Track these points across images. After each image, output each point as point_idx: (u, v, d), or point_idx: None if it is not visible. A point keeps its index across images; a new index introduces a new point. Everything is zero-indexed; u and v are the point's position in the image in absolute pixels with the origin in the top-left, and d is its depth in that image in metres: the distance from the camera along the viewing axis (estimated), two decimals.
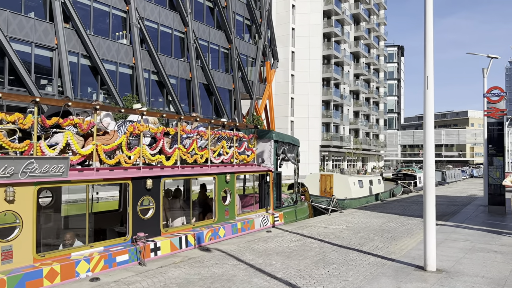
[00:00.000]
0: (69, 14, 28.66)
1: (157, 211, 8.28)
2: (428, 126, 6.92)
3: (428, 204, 6.93)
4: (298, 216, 12.94)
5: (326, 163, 63.54)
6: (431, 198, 6.92)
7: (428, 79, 6.97)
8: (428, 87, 6.96)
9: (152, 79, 35.09)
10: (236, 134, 11.03)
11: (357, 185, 19.40)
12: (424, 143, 6.93)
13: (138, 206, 7.89)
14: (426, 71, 7.03)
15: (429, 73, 6.98)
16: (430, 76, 6.98)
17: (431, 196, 6.91)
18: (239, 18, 45.05)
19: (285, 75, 57.60)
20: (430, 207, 6.92)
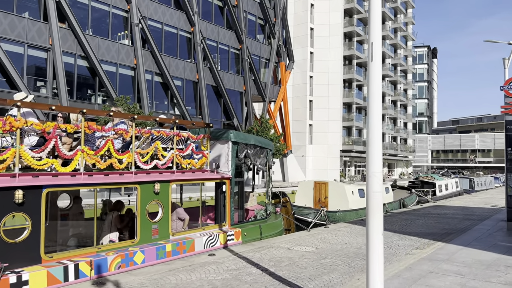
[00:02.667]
0: (65, 14, 27.64)
1: (35, 232, 6.38)
2: (373, 114, 4.70)
3: (371, 234, 4.69)
4: (265, 233, 10.77)
5: (348, 169, 60.53)
6: (375, 225, 4.67)
7: (373, 47, 4.75)
8: (373, 59, 4.74)
9: (156, 81, 33.72)
10: (177, 134, 9.03)
11: (356, 195, 16.96)
12: (367, 140, 4.71)
13: (1, 226, 6.02)
14: (370, 36, 4.81)
15: (374, 38, 4.76)
16: (375, 43, 4.76)
17: (375, 221, 4.67)
18: (251, 18, 43.24)
19: (303, 77, 55.25)
20: (374, 239, 4.67)
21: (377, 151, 4.64)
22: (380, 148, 4.66)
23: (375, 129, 4.65)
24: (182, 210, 9.58)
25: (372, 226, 4.69)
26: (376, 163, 4.62)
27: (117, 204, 8.99)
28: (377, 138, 4.65)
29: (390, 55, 70.35)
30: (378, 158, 4.63)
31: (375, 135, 4.65)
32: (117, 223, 8.65)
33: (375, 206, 4.65)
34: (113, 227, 8.63)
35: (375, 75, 4.73)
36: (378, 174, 4.63)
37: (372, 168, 4.64)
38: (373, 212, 4.66)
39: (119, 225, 8.68)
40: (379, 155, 4.64)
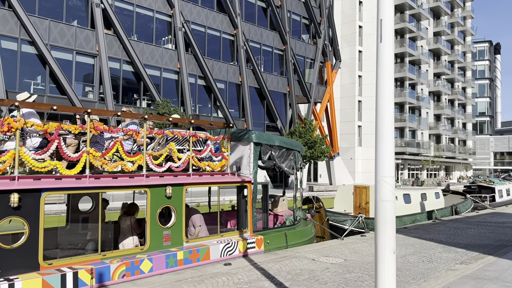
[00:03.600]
0: (111, 21, 28.45)
1: (33, 237, 6.11)
2: (382, 104, 3.90)
3: (380, 253, 3.86)
4: (291, 241, 9.99)
5: (401, 172, 57.76)
6: (386, 241, 3.84)
7: (382, 24, 3.94)
8: (382, 39, 3.94)
9: (199, 84, 33.89)
10: (193, 135, 8.55)
11: (400, 200, 15.65)
12: (376, 136, 3.90)
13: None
14: (379, 12, 3.99)
15: (384, 14, 3.95)
16: (385, 20, 3.95)
17: (385, 237, 3.84)
18: (295, 18, 42.45)
19: (351, 77, 53.46)
20: (383, 259, 3.84)
21: (387, 150, 3.81)
22: (391, 146, 3.83)
23: (385, 122, 3.83)
24: (197, 217, 9.07)
25: (381, 242, 3.86)
26: (386, 165, 3.79)
27: (132, 207, 8.65)
28: (387, 133, 3.82)
29: (446, 51, 66.52)
30: (389, 158, 3.80)
31: (385, 129, 3.82)
32: (136, 228, 8.30)
33: (385, 218, 3.81)
34: (133, 232, 8.30)
35: (385, 58, 3.91)
36: (388, 179, 3.80)
37: (381, 172, 3.81)
38: (383, 226, 3.83)
39: (138, 230, 8.33)
40: (390, 154, 3.81)
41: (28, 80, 25.54)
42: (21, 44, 24.99)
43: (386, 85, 3.86)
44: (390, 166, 3.78)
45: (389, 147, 3.80)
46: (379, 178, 3.81)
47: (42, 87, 25.95)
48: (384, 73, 3.88)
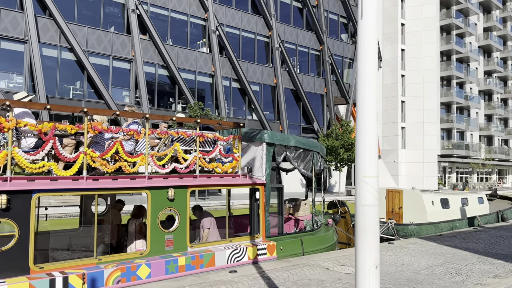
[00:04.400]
0: (146, 26, 28.97)
1: (23, 240, 5.96)
2: (363, 94, 3.32)
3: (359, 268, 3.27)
4: (308, 247, 9.37)
5: (448, 175, 54.83)
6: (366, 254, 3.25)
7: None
8: (363, 15, 3.37)
9: (233, 87, 33.78)
10: (200, 135, 8.19)
11: (437, 205, 14.50)
12: (356, 133, 3.31)
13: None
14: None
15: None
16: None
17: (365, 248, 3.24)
18: (332, 17, 41.46)
19: (394, 76, 51.45)
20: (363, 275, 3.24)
21: (369, 147, 3.21)
22: (374, 142, 3.23)
23: (366, 114, 3.24)
24: (207, 220, 8.69)
25: (361, 256, 3.27)
26: (367, 163, 3.20)
27: (140, 210, 8.41)
28: (369, 127, 3.23)
29: (497, 48, 62.55)
30: (371, 156, 3.20)
31: (367, 123, 3.23)
32: (139, 231, 8.06)
33: (365, 226, 3.22)
34: (137, 235, 8.07)
35: (366, 38, 3.32)
36: (370, 179, 3.20)
37: (361, 171, 3.22)
38: (362, 236, 3.24)
39: (140, 233, 8.07)
40: (372, 152, 3.21)
41: (67, 86, 26.46)
42: (61, 51, 25.94)
43: (368, 71, 3.28)
44: (372, 165, 3.19)
45: (371, 143, 3.21)
46: (359, 178, 3.22)
47: (80, 92, 26.79)
48: (366, 57, 3.29)
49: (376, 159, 3.22)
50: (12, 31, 24.26)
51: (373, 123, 3.18)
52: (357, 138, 3.22)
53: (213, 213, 9.29)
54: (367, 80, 3.22)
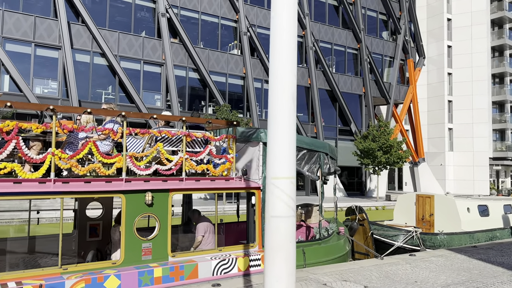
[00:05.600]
0: (176, 29, 29.00)
1: None
2: (275, 85, 2.49)
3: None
4: (312, 258, 8.41)
5: (502, 180, 50.91)
6: (274, 275, 2.39)
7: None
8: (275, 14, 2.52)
9: (265, 89, 33.06)
10: (186, 134, 7.54)
11: (474, 212, 12.93)
12: (268, 125, 2.47)
13: None
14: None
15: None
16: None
17: (274, 269, 2.39)
18: (371, 14, 39.76)
19: (440, 74, 48.58)
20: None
21: (281, 142, 2.38)
22: (289, 137, 2.39)
23: (277, 108, 2.43)
24: (202, 226, 8.01)
25: (269, 281, 2.41)
26: (278, 162, 2.37)
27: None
28: (281, 122, 2.41)
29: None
30: (283, 153, 2.37)
31: (279, 117, 2.42)
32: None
33: (273, 244, 2.38)
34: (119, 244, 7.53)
35: (278, 35, 2.50)
36: (282, 182, 2.35)
37: (271, 171, 2.39)
38: (271, 256, 2.41)
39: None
40: (285, 148, 2.38)
41: (99, 90, 26.93)
42: (93, 56, 26.46)
43: (281, 64, 2.46)
44: (285, 165, 2.35)
45: (284, 139, 2.38)
46: (269, 181, 2.39)
47: (112, 96, 27.18)
48: (278, 52, 2.47)
49: (292, 156, 2.38)
50: (47, 38, 25.02)
51: (287, 121, 2.35)
52: (268, 133, 2.41)
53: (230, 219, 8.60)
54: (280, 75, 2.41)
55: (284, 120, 2.36)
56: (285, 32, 2.42)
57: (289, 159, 2.36)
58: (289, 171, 2.36)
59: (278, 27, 2.43)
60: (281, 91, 2.40)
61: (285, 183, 2.31)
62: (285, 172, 2.32)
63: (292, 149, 2.41)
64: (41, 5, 25.42)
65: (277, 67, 2.42)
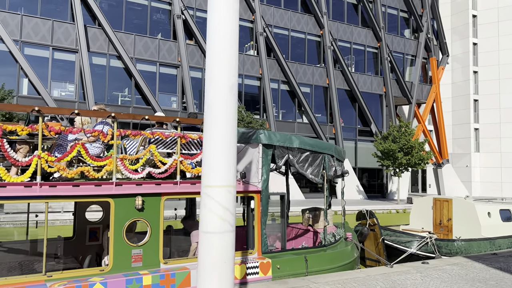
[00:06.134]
0: (192, 31, 28.94)
1: None
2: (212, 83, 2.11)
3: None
4: (315, 266, 7.96)
5: None
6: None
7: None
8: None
9: (282, 89, 32.67)
10: (181, 136, 7.25)
11: (495, 217, 12.15)
12: (204, 130, 2.13)
13: None
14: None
15: None
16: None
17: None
18: (391, 11, 38.79)
19: (465, 73, 46.96)
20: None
21: (217, 148, 2.04)
22: (226, 142, 2.02)
23: (214, 111, 2.11)
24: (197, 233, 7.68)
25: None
26: (213, 169, 2.02)
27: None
28: (217, 125, 2.07)
29: None
30: (220, 160, 2.02)
31: (214, 120, 2.10)
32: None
33: (205, 262, 2.04)
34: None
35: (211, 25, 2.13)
36: (217, 192, 1.99)
37: (206, 179, 2.03)
38: (204, 273, 2.05)
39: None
40: (222, 154, 2.02)
41: (116, 93, 27.09)
42: (109, 59, 26.65)
43: (218, 51, 2.10)
44: (221, 170, 2.00)
45: (220, 139, 2.04)
46: (203, 189, 2.03)
47: (128, 98, 27.31)
48: (213, 52, 2.10)
49: (231, 160, 2.00)
50: (64, 42, 25.33)
51: (223, 112, 1.98)
52: (204, 131, 2.04)
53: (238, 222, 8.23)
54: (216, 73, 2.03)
55: (221, 117, 2.00)
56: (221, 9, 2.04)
57: (226, 163, 1.99)
58: (226, 179, 1.98)
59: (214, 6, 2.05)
60: (218, 83, 2.04)
61: (220, 192, 1.93)
62: (221, 179, 1.94)
63: (231, 151, 2.04)
64: (59, 9, 25.77)
65: (214, 55, 2.06)
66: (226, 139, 1.98)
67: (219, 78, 2.02)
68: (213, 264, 2.01)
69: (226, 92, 2.01)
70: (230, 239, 2.09)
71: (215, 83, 2.04)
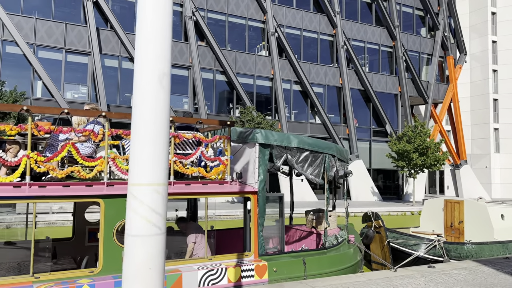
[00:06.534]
0: (203, 32, 28.95)
1: None
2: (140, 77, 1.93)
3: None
4: (315, 269, 7.71)
5: None
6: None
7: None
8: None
9: (294, 90, 32.38)
10: (175, 135, 7.12)
11: (509, 220, 11.64)
12: (132, 123, 1.93)
13: None
14: None
15: None
16: None
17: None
18: (406, 10, 38.09)
19: (484, 72, 45.81)
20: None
21: (144, 142, 1.84)
22: (157, 130, 1.84)
23: (140, 102, 1.87)
24: (192, 234, 7.56)
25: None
26: (137, 164, 1.82)
27: None
28: (143, 116, 1.85)
29: None
30: (148, 154, 1.82)
31: (140, 111, 1.87)
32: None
33: (130, 266, 1.83)
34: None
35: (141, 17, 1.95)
36: (143, 191, 1.80)
37: (132, 177, 1.85)
38: (127, 280, 1.85)
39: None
40: (150, 149, 1.83)
41: (128, 94, 27.27)
42: (121, 61, 26.85)
43: (144, 47, 1.90)
44: (146, 166, 1.80)
45: (147, 138, 1.83)
46: (129, 188, 1.85)
47: None
48: (142, 26, 1.92)
49: (161, 155, 1.83)
50: (77, 45, 25.63)
51: (152, 98, 1.80)
52: (132, 122, 1.87)
53: None
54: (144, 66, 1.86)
55: (147, 108, 1.82)
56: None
57: (152, 159, 1.81)
58: (152, 176, 1.81)
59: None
60: (145, 69, 1.87)
61: (145, 191, 1.76)
62: (146, 176, 1.77)
63: (159, 146, 1.86)
64: (72, 12, 26.10)
65: (141, 37, 1.90)
66: (152, 132, 1.82)
67: (146, 64, 1.86)
68: (136, 270, 1.84)
69: (154, 80, 1.84)
70: (157, 244, 1.91)
71: (142, 69, 1.88)
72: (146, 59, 1.89)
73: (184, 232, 7.93)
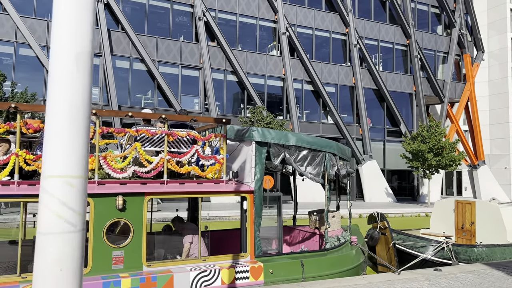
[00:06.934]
0: (214, 33, 28.90)
1: None
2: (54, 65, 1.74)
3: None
4: (313, 271, 7.45)
5: None
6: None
7: None
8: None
9: (306, 89, 32.05)
10: (168, 133, 6.97)
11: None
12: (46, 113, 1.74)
13: None
14: None
15: None
16: None
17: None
18: (421, 7, 37.36)
19: (503, 70, 44.51)
20: None
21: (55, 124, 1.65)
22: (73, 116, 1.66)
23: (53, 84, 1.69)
24: (188, 233, 7.41)
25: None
26: (49, 154, 1.64)
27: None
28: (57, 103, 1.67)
29: None
30: (58, 141, 1.64)
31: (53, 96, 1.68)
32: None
33: (40, 266, 1.65)
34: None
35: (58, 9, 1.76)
36: (54, 184, 1.62)
37: (46, 168, 1.67)
38: (37, 281, 1.67)
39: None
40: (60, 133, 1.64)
41: (139, 95, 27.39)
42: (132, 62, 26.98)
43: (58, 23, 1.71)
44: (58, 156, 1.62)
45: (60, 122, 1.64)
46: (41, 181, 1.67)
47: (151, 101, 27.54)
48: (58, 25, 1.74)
49: (79, 145, 1.65)
50: None
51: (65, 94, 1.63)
52: (46, 108, 1.70)
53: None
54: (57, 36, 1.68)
55: (61, 93, 1.64)
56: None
57: (68, 148, 1.63)
58: (66, 167, 1.62)
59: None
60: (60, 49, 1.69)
61: (56, 183, 1.59)
62: (57, 168, 1.59)
63: (77, 132, 1.67)
64: None
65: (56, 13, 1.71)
66: (67, 117, 1.64)
67: (60, 41, 1.68)
68: (46, 271, 1.66)
69: (71, 59, 1.66)
70: (71, 242, 1.72)
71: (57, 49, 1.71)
72: (60, 35, 1.72)
73: (180, 233, 7.79)
